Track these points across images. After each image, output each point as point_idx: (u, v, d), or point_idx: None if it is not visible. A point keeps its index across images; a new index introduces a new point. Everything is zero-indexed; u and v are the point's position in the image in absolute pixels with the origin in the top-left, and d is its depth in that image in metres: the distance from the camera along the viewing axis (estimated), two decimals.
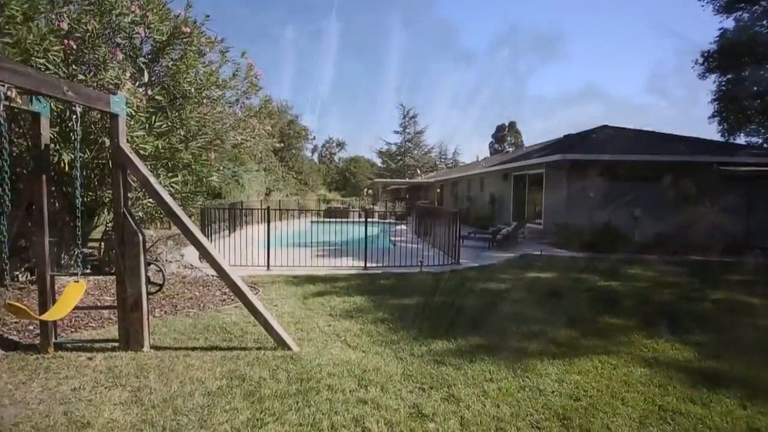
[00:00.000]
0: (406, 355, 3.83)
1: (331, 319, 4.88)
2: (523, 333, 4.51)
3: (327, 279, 7.08)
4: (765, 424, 2.83)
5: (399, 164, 44.32)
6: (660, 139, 15.45)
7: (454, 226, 9.15)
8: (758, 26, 16.78)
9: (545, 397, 3.10)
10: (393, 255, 9.19)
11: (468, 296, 6.06)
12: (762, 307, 5.83)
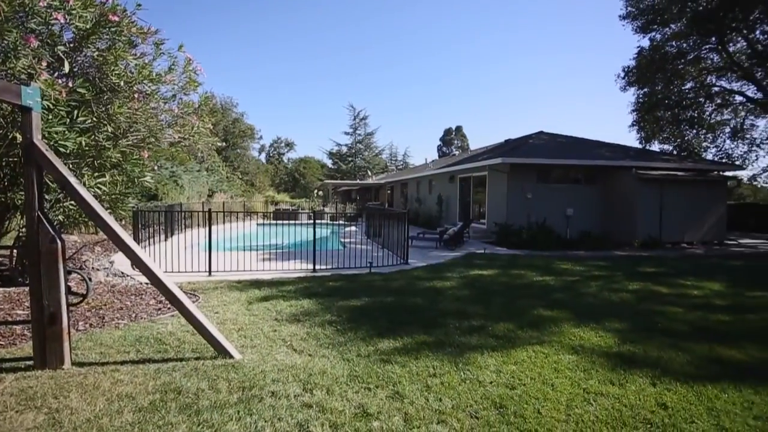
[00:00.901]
0: (353, 356, 3.84)
1: (277, 324, 4.77)
2: (465, 328, 4.71)
3: (274, 283, 6.89)
4: (670, 398, 3.20)
5: (350, 165, 44.20)
6: (588, 145, 16.89)
7: (403, 227, 9.32)
8: (668, 46, 18.96)
9: (484, 387, 3.27)
10: (343, 257, 9.16)
11: (415, 295, 6.21)
12: (669, 294, 6.58)
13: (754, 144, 20.02)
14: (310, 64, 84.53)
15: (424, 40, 79.86)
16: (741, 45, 17.99)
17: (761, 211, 21.26)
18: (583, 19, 67.95)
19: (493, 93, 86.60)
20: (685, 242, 13.49)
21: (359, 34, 78.56)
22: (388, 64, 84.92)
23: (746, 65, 17.74)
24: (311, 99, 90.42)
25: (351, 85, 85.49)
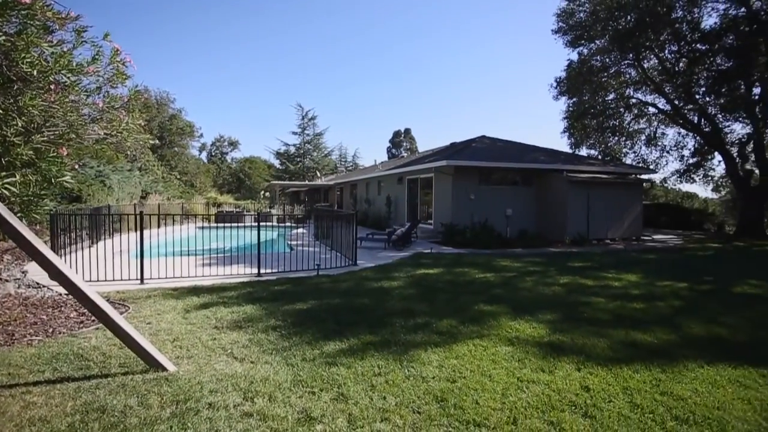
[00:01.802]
0: (298, 361, 3.78)
1: (217, 332, 4.55)
2: (410, 326, 4.82)
3: (214, 289, 6.57)
4: (592, 381, 3.52)
5: (298, 166, 43.28)
6: (526, 149, 18.01)
7: (351, 228, 9.32)
8: (594, 60, 20.80)
9: (427, 383, 3.38)
10: (290, 259, 8.95)
11: (362, 296, 6.24)
12: (594, 287, 7.22)
13: (665, 150, 22.58)
14: (256, 63, 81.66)
15: (372, 40, 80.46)
16: (654, 62, 20.20)
17: (671, 210, 24.06)
18: (523, 31, 72.43)
19: (440, 97, 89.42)
20: (609, 238, 14.87)
21: (307, 34, 77.29)
22: (335, 65, 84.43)
23: (658, 80, 19.95)
24: (257, 97, 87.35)
25: (298, 84, 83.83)
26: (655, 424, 2.89)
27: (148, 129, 33.16)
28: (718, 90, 17.70)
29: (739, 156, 18.91)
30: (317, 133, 44.71)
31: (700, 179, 22.22)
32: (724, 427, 2.87)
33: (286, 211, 25.88)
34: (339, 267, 8.73)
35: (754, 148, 18.21)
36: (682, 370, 3.78)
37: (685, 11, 17.90)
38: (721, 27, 17.20)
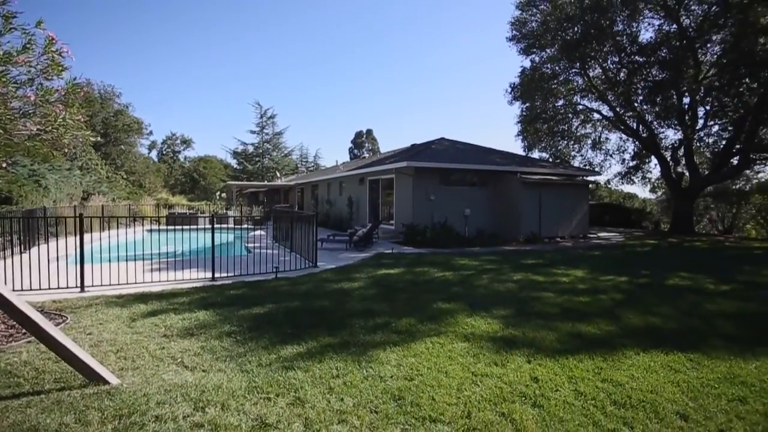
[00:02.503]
0: (253, 367, 3.67)
1: (166, 340, 4.32)
2: (370, 327, 4.84)
3: (164, 296, 6.23)
4: (541, 372, 3.71)
5: (257, 166, 42.03)
6: (483, 152, 18.65)
7: (312, 230, 9.19)
8: (545, 68, 21.93)
9: (385, 382, 3.41)
10: (247, 262, 8.68)
11: (322, 298, 6.17)
12: (544, 282, 7.60)
13: (608, 154, 24.19)
14: (212, 60, 78.39)
15: (333, 41, 79.89)
16: (598, 71, 21.60)
17: (614, 210, 25.87)
18: (482, 36, 74.89)
19: (402, 98, 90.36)
20: (559, 237, 15.72)
21: (266, 34, 75.29)
22: (295, 65, 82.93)
23: (601, 89, 21.36)
24: (212, 95, 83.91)
25: (257, 82, 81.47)
26: (597, 409, 3.10)
27: (90, 125, 30.85)
28: (653, 99, 19.24)
29: (672, 160, 20.65)
30: (277, 133, 43.72)
31: (639, 181, 24.03)
32: (656, 409, 3.13)
33: (244, 212, 25.05)
34: (299, 269, 8.58)
35: (685, 153, 19.98)
36: (621, 358, 4.08)
37: (625, 25, 19.31)
38: (656, 41, 18.75)
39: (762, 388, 3.53)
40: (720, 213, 22.72)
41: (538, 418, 2.94)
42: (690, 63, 17.95)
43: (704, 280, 8.07)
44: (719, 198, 22.02)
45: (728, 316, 5.70)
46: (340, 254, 11.13)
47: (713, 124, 19.89)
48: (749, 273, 9.02)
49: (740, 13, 15.76)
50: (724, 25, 16.91)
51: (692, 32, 17.85)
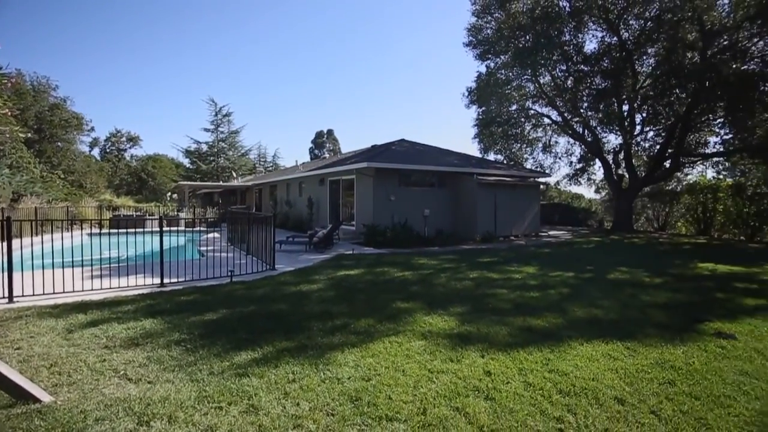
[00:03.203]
0: (204, 376, 3.52)
1: (107, 352, 4.03)
2: (328, 329, 4.79)
3: (106, 304, 5.81)
4: (493, 366, 3.85)
5: (211, 166, 40.27)
6: (441, 153, 19.08)
7: (269, 231, 8.95)
8: (499, 73, 22.85)
9: (342, 384, 3.39)
10: (200, 267, 8.30)
11: (279, 301, 6.03)
12: (499, 279, 7.91)
13: (557, 157, 25.66)
14: (160, 54, 74.14)
15: (294, 39, 78.39)
16: (548, 78, 22.80)
17: (563, 209, 27.42)
18: (442, 40, 76.55)
19: (363, 99, 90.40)
20: (513, 235, 16.42)
21: (222, 29, 72.38)
22: (252, 62, 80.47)
23: (551, 95, 22.58)
24: (162, 90, 79.37)
25: (211, 78, 78.18)
26: (544, 399, 3.27)
27: (21, 119, 28.11)
28: (597, 106, 20.63)
29: (613, 163, 22.23)
30: (233, 131, 42.14)
31: (585, 182, 25.67)
32: (597, 395, 3.35)
33: (197, 214, 23.92)
34: (255, 272, 8.33)
35: (624, 156, 21.58)
36: (567, 349, 4.33)
37: (571, 36, 20.53)
38: (599, 52, 20.09)
39: (688, 371, 3.88)
40: (655, 212, 24.75)
41: (490, 411, 3.05)
42: (629, 73, 19.42)
43: (641, 273, 8.75)
44: (654, 198, 23.98)
45: (660, 306, 6.22)
46: (299, 256, 10.93)
47: (649, 130, 21.66)
48: (679, 266, 9.90)
49: (671, 29, 17.29)
50: (657, 39, 18.46)
51: (630, 45, 19.32)
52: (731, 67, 16.54)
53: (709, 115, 19.23)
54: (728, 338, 4.77)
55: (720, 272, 9.13)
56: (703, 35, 17.38)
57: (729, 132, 19.65)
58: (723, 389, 3.52)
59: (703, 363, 4.06)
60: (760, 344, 4.62)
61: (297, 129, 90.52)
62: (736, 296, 6.97)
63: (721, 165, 22.50)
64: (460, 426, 2.84)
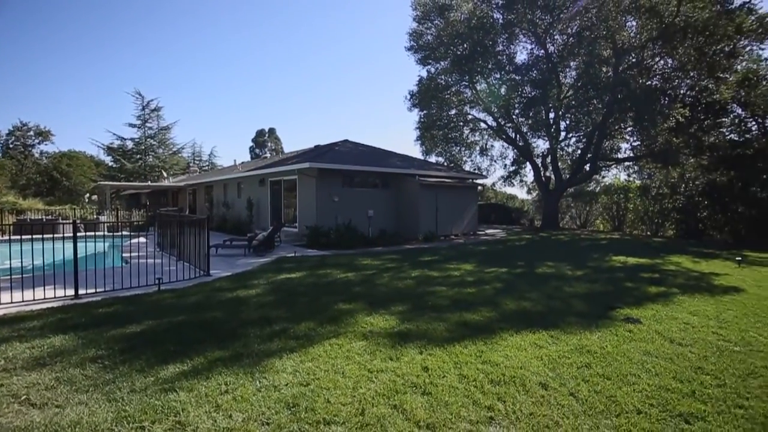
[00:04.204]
0: (124, 394, 3.23)
1: (6, 375, 3.54)
2: (266, 335, 4.63)
3: (6, 321, 5.10)
4: (431, 362, 3.97)
5: (138, 164, 37.04)
6: (385, 154, 19.32)
7: (203, 235, 8.43)
8: (440, 79, 23.67)
9: (279, 391, 3.29)
10: (124, 275, 7.59)
11: (213, 309, 5.71)
12: (438, 277, 8.19)
13: (493, 160, 27.21)
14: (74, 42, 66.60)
15: (236, 32, 74.66)
16: (484, 85, 24.07)
17: (499, 209, 29.11)
18: (386, 42, 77.44)
19: (307, 98, 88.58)
20: (453, 234, 17.09)
21: (156, 21, 66.76)
22: (189, 53, 75.37)
23: (486, 101, 23.84)
24: (79, 78, 71.35)
25: (138, 71, 71.87)
26: (477, 389, 3.44)
27: None
28: (527, 113, 22.19)
29: (542, 166, 24.05)
30: (163, 127, 39.15)
31: (518, 183, 27.44)
32: (524, 382, 3.60)
33: (122, 217, 21.87)
34: (188, 279, 7.81)
35: (551, 160, 23.44)
36: (498, 341, 4.60)
37: (504, 46, 21.87)
38: (528, 63, 21.61)
39: (602, 354, 4.31)
40: (578, 210, 27.21)
41: (426, 405, 3.15)
42: (554, 84, 21.11)
43: (564, 267, 9.56)
44: (577, 198, 26.34)
45: (580, 296, 6.85)
46: (237, 260, 10.44)
47: (571, 137, 23.76)
48: (596, 260, 10.96)
49: (589, 45, 19.08)
50: (578, 54, 20.28)
51: (556, 58, 21.03)
52: (638, 82, 18.68)
53: (621, 124, 21.54)
54: (635, 323, 5.38)
55: (630, 264, 10.26)
56: (615, 52, 19.43)
57: (637, 139, 22.20)
58: (630, 368, 3.96)
59: (614, 346, 4.53)
60: (660, 326, 5.26)
61: (236, 127, 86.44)
62: (641, 285, 7.87)
63: (631, 168, 25.28)
64: (398, 423, 2.89)
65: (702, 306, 6.30)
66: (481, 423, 2.94)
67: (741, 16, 17.09)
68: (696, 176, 21.07)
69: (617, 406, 3.24)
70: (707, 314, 5.85)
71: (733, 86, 18.22)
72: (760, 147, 18.65)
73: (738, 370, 3.95)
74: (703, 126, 19.72)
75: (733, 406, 3.27)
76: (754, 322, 5.53)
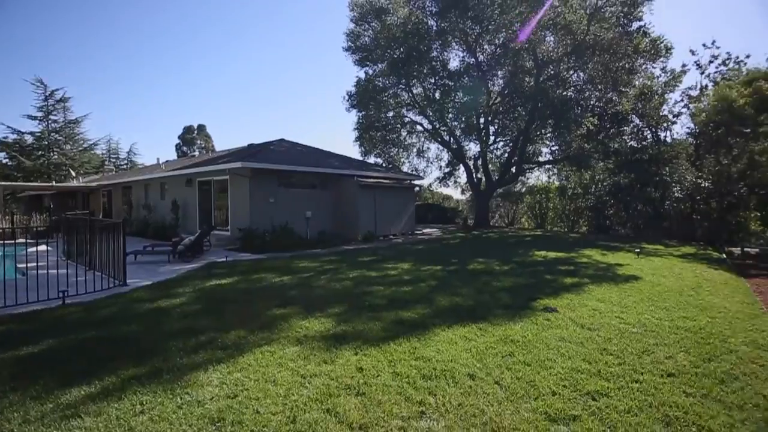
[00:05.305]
0: (15, 426, 2.81)
1: None
2: (191, 347, 4.32)
3: None
4: (365, 362, 3.99)
5: (40, 162, 32.53)
6: (323, 155, 19.08)
7: (119, 240, 7.63)
8: (377, 81, 23.94)
9: (203, 407, 3.08)
10: (19, 289, 6.59)
11: (130, 322, 5.20)
12: (377, 277, 8.27)
13: (430, 161, 28.17)
14: None
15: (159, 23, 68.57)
16: (420, 89, 24.79)
17: (435, 209, 30.18)
18: (325, 43, 76.31)
19: (241, 95, 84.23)
20: (392, 234, 17.38)
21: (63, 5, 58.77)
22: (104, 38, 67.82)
23: (422, 105, 24.61)
24: None
25: (41, 55, 63.12)
26: (409, 385, 3.52)
27: None
28: (459, 118, 23.27)
29: (474, 168, 25.40)
30: (71, 121, 34.81)
31: (453, 184, 28.70)
32: (454, 375, 3.75)
33: (19, 222, 19.04)
34: (100, 291, 7.02)
35: (482, 163, 24.85)
36: (431, 336, 4.75)
37: (438, 52, 22.73)
38: (460, 69, 22.67)
39: (523, 342, 4.64)
40: (506, 210, 29.17)
41: (360, 406, 3.15)
42: (484, 91, 22.40)
43: (493, 263, 10.17)
44: (505, 198, 28.24)
45: (507, 289, 7.33)
46: (160, 267, 9.62)
47: (499, 141, 25.39)
48: (521, 255, 11.82)
49: (514, 56, 20.53)
50: (504, 64, 21.72)
51: (485, 66, 22.31)
52: (556, 92, 20.50)
53: (542, 130, 23.48)
54: (552, 311, 5.88)
55: (549, 258, 11.21)
56: (536, 64, 21.12)
57: (555, 144, 24.34)
58: (547, 354, 4.31)
59: (534, 334, 4.90)
60: (574, 314, 5.81)
61: (160, 122, 79.35)
62: (559, 277, 8.64)
63: (551, 171, 27.69)
64: (330, 427, 2.86)
65: (608, 293, 7.08)
66: (412, 418, 3.01)
67: (638, 38, 19.56)
68: (604, 178, 23.71)
69: (535, 389, 3.51)
70: (612, 301, 6.58)
71: (632, 99, 20.77)
72: (653, 153, 21.50)
73: (635, 349, 4.49)
74: (609, 134, 22.23)
75: (631, 381, 3.71)
76: (649, 306, 6.34)
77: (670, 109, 22.99)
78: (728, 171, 18.43)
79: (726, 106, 16.71)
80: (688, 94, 22.64)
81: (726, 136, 17.90)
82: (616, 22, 19.42)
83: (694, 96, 22.27)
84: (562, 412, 3.12)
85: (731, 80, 20.02)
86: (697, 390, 3.54)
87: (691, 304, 6.53)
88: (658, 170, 20.86)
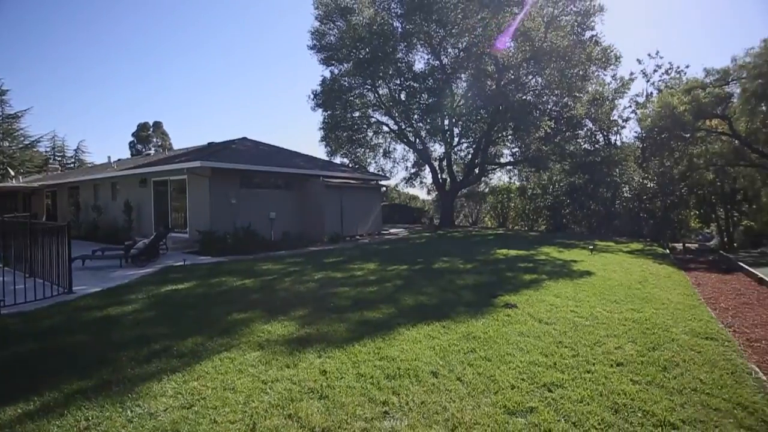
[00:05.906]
0: None
1: None
2: (143, 357, 4.09)
3: None
4: (329, 365, 3.94)
5: None
6: (288, 154, 18.70)
7: (63, 244, 7.09)
8: (343, 80, 23.77)
9: (156, 419, 2.92)
10: None
11: (77, 332, 4.85)
12: (342, 278, 8.20)
13: (396, 162, 28.34)
14: None
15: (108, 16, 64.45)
16: (386, 90, 24.88)
17: (402, 209, 30.45)
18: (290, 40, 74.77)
19: (201, 91, 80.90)
20: (358, 234, 17.32)
21: None
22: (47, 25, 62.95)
23: (388, 105, 24.73)
24: None
25: None
26: (373, 386, 3.51)
27: None
28: (425, 119, 23.59)
29: (439, 168, 25.83)
30: (9, 115, 31.93)
31: (419, 185, 29.06)
32: (417, 373, 3.79)
33: None
34: (42, 299, 6.49)
35: (447, 164, 25.34)
36: (396, 336, 4.77)
37: (404, 54, 22.91)
38: (425, 72, 22.98)
39: (485, 338, 4.76)
40: (470, 209, 29.93)
41: (323, 410, 3.10)
42: (448, 93, 22.84)
43: (458, 261, 10.39)
44: (469, 198, 28.98)
45: (470, 287, 7.50)
46: (112, 273, 9.05)
47: (463, 142, 25.96)
48: (484, 253, 12.15)
49: (476, 60, 21.09)
50: (467, 67, 22.25)
51: (449, 69, 22.75)
52: (516, 96, 21.25)
53: (503, 133, 24.28)
54: (512, 308, 6.08)
55: (510, 256, 11.60)
56: (497, 68, 21.80)
57: (515, 146, 25.25)
58: (507, 349, 4.45)
59: (495, 330, 5.05)
60: (532, 309, 6.03)
61: (112, 119, 74.78)
62: (519, 274, 8.95)
63: (512, 172, 28.69)
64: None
65: (563, 289, 7.42)
66: (375, 419, 3.00)
67: (591, 47, 20.68)
68: (561, 179, 24.88)
69: (495, 384, 3.61)
70: (567, 296, 6.91)
71: (586, 104, 21.94)
72: (605, 155, 22.82)
73: (588, 341, 4.73)
74: (565, 137, 23.35)
75: (584, 372, 3.90)
76: (600, 300, 6.70)
77: (620, 114, 24.57)
78: (671, 172, 19.94)
79: (668, 112, 18.05)
80: (635, 100, 24.30)
81: (669, 140, 19.35)
82: (571, 30, 20.44)
83: (641, 102, 23.93)
84: (520, 405, 3.23)
85: (673, 88, 21.66)
86: (642, 378, 3.79)
87: (638, 297, 6.97)
88: (610, 171, 22.17)
